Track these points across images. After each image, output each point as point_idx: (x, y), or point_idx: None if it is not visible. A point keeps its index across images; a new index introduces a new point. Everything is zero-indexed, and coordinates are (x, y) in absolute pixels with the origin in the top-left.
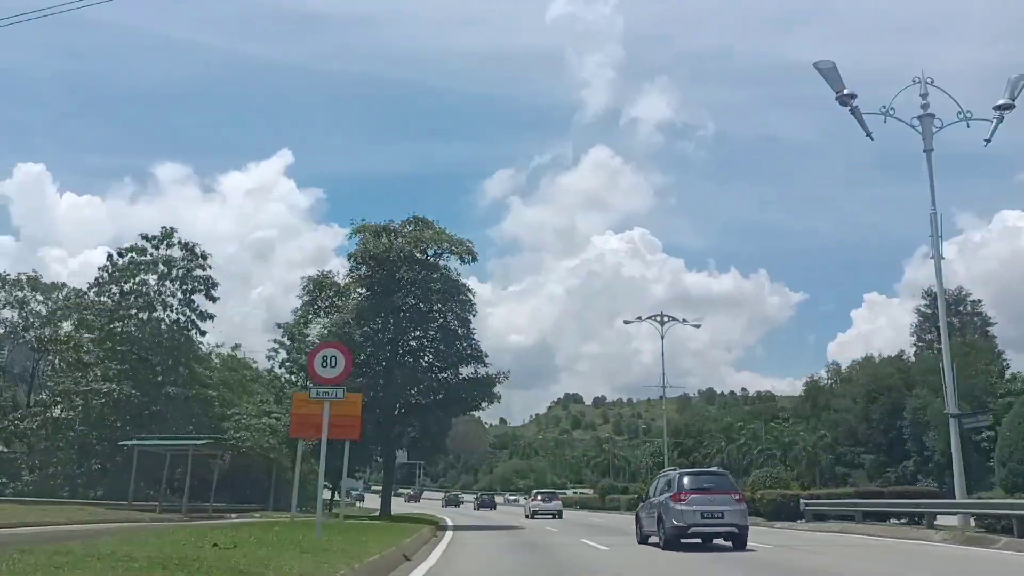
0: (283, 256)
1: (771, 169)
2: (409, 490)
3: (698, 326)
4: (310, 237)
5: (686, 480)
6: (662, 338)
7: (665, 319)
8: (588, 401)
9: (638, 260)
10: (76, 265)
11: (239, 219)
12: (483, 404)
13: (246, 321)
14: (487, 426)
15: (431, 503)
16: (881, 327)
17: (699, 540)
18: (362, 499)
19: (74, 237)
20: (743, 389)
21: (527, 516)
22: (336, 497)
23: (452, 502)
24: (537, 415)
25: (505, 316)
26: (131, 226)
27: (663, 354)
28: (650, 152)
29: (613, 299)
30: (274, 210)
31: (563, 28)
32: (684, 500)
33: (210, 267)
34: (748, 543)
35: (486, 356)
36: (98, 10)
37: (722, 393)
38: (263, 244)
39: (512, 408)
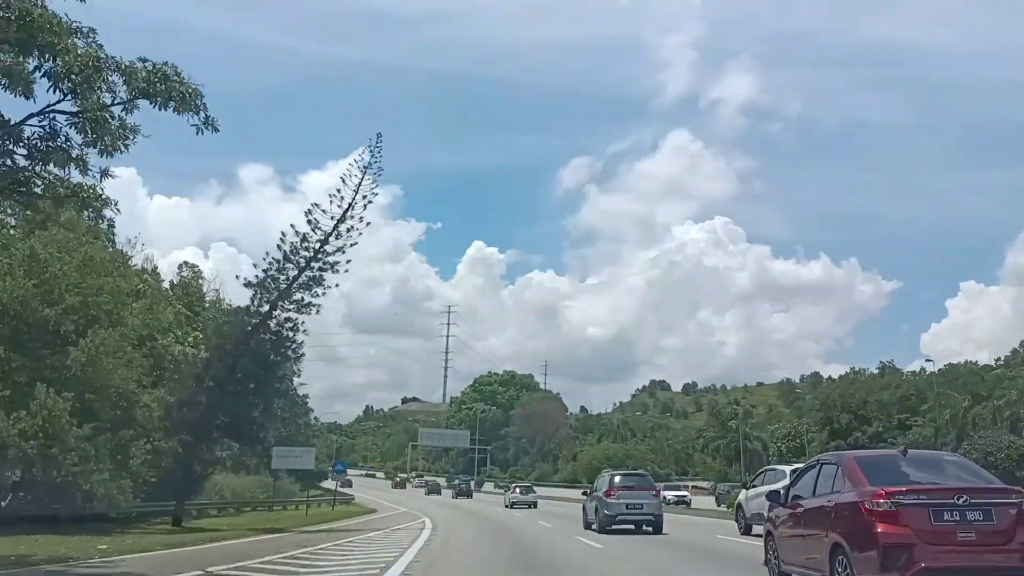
0: (362, 252)
1: (860, 153)
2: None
3: None
4: (388, 233)
5: (616, 479)
6: None
7: None
8: (676, 388)
9: (720, 250)
10: (165, 265)
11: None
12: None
13: (327, 315)
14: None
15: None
16: (979, 317)
17: (632, 526)
18: (350, 484)
19: (165, 237)
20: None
21: (507, 506)
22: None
23: (433, 490)
24: (620, 403)
25: (583, 309)
26: (217, 226)
27: None
28: (733, 135)
29: (695, 290)
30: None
31: (639, 10)
32: (613, 495)
33: None
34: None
35: None
36: (186, 17)
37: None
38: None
39: (591, 400)
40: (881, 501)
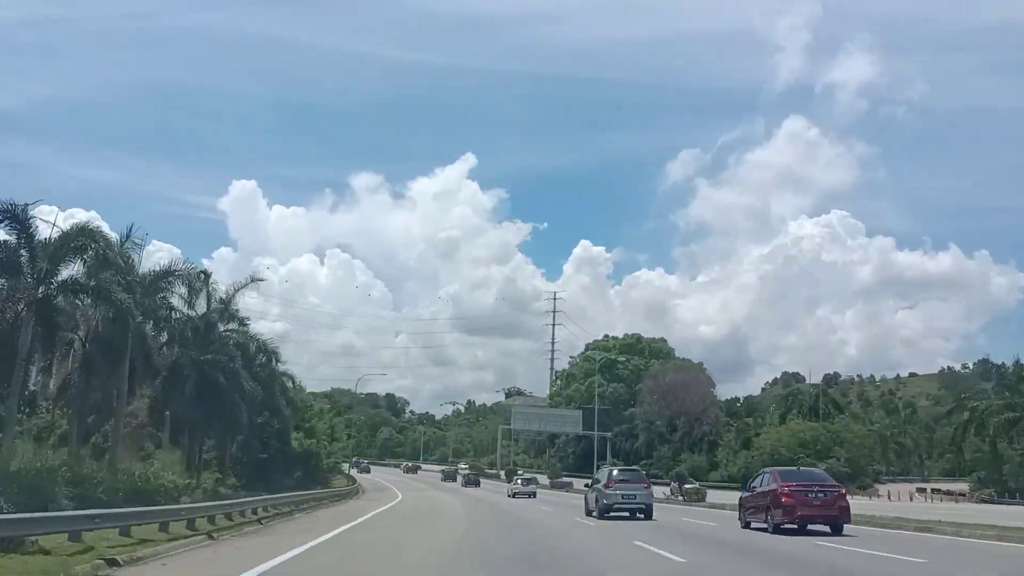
0: (469, 255)
1: (987, 140)
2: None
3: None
4: (494, 234)
5: (615, 473)
6: None
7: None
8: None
9: (838, 245)
10: (285, 272)
11: (427, 222)
12: None
13: (436, 316)
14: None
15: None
16: None
17: (627, 514)
18: (368, 471)
19: (283, 246)
20: None
21: (509, 496)
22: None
23: (450, 477)
24: (750, 396)
25: (694, 308)
26: (331, 234)
27: None
28: (851, 120)
29: (813, 286)
30: (459, 212)
31: None
32: (611, 487)
33: None
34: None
35: None
36: (290, 34)
37: None
38: (449, 244)
39: None
40: (784, 488)
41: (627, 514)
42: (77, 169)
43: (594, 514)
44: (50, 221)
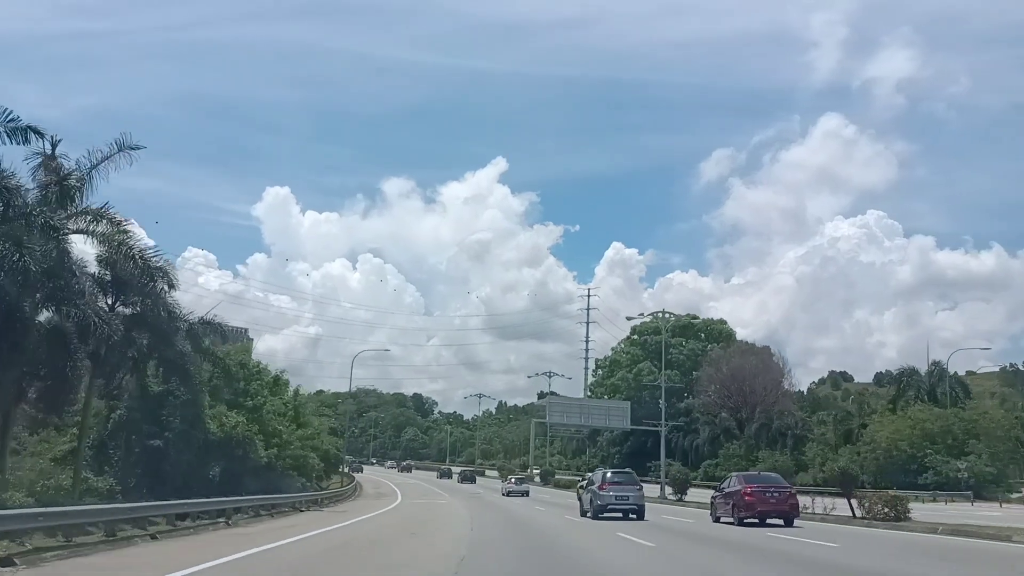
0: (500, 258)
1: None
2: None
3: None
4: (525, 237)
5: (608, 475)
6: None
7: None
8: (861, 378)
9: (875, 246)
10: (318, 277)
11: (458, 226)
12: None
13: (467, 320)
14: None
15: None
16: None
17: (620, 515)
18: (360, 470)
19: (316, 251)
20: None
21: (503, 495)
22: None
23: (445, 475)
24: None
25: (728, 311)
26: (363, 239)
27: None
28: (890, 117)
29: (850, 288)
30: (490, 216)
31: None
32: (605, 488)
33: None
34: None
35: None
36: (330, 41)
37: None
38: (480, 247)
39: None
40: (747, 489)
41: (620, 515)
42: (116, 177)
43: (588, 514)
44: None
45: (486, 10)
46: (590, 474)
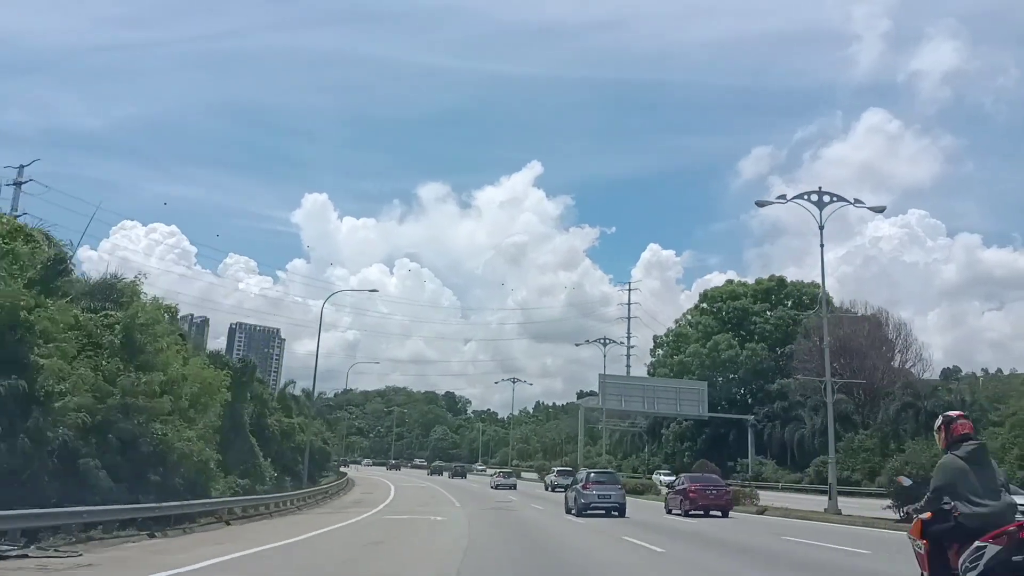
0: (536, 261)
1: None
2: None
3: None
4: (561, 240)
5: (592, 475)
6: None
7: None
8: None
9: (918, 246)
10: (356, 281)
11: (494, 230)
12: None
13: (503, 323)
14: None
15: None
16: None
17: (602, 512)
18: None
19: (354, 256)
20: None
21: (492, 488)
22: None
23: (436, 472)
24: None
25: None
26: (400, 244)
27: None
28: (935, 111)
29: (893, 288)
30: (525, 219)
31: None
32: (589, 488)
33: None
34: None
35: None
36: (366, 48)
37: None
38: (516, 250)
39: None
40: (692, 487)
41: (603, 512)
42: (158, 186)
43: (573, 512)
44: None
45: (517, 14)
46: (585, 471)
